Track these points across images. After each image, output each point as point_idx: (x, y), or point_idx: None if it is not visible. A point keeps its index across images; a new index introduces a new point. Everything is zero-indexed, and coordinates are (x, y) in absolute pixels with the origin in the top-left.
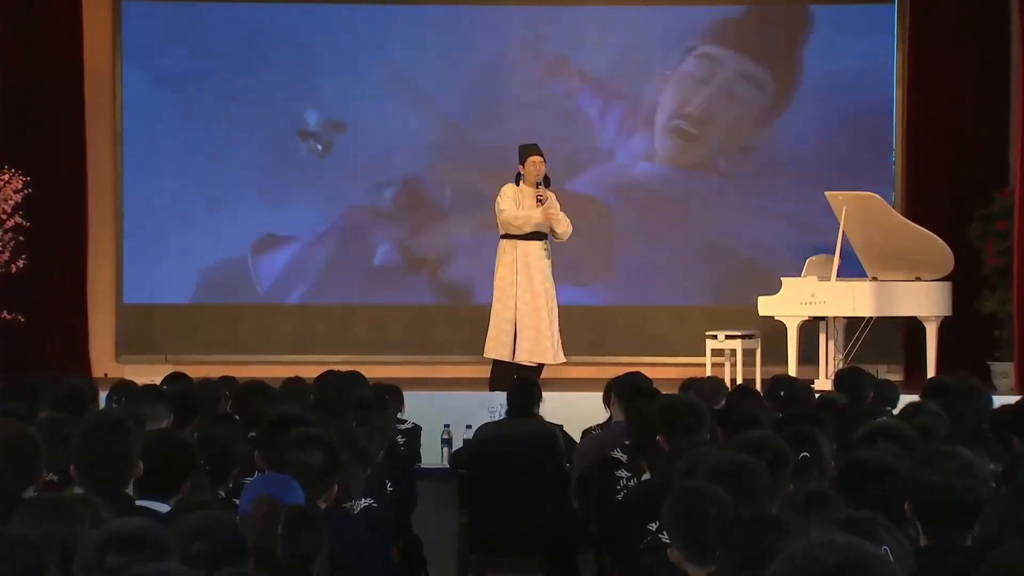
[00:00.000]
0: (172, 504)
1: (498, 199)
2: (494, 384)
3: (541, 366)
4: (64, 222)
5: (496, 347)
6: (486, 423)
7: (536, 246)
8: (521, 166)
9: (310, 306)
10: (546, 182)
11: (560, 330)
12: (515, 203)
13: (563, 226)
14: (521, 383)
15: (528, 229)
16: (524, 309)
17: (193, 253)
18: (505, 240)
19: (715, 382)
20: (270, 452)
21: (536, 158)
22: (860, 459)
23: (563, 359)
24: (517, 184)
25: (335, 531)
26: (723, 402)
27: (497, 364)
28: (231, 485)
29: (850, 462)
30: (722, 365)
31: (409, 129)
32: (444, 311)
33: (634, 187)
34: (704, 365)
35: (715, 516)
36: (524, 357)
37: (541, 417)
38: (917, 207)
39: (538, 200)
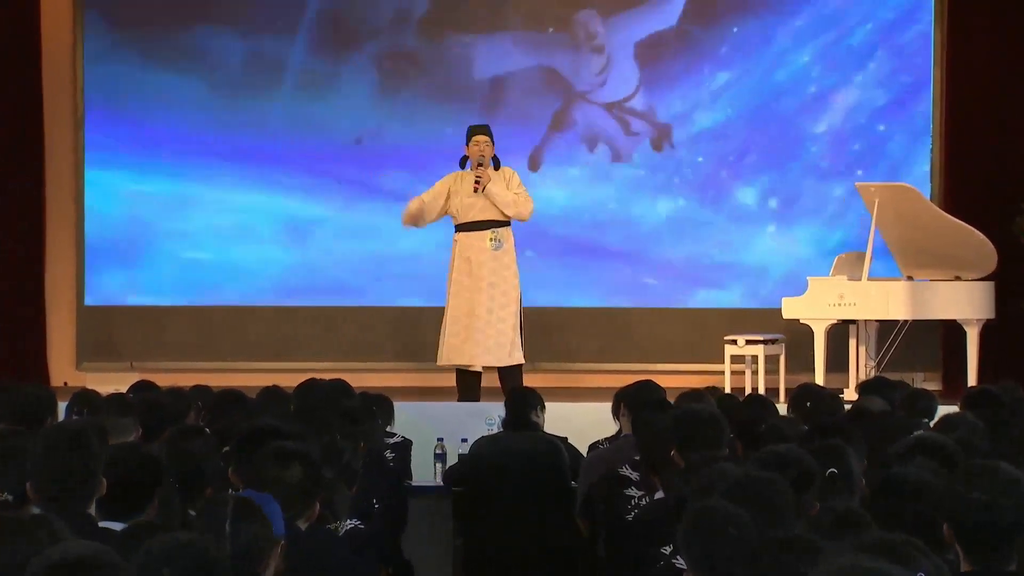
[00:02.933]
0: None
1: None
2: (460, 395)
3: (518, 371)
4: (19, 216)
5: (439, 351)
6: (483, 436)
7: (479, 237)
8: (466, 147)
9: (290, 308)
10: (495, 165)
11: (523, 329)
12: (441, 192)
13: (511, 209)
14: (517, 390)
15: (428, 219)
16: (461, 308)
17: (161, 251)
18: (455, 233)
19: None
20: (246, 468)
21: (481, 137)
22: (895, 476)
23: (519, 360)
24: (463, 168)
25: (318, 554)
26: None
27: (457, 373)
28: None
29: (884, 479)
30: (743, 373)
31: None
32: (438, 313)
33: (646, 180)
34: (723, 373)
35: (736, 539)
36: (451, 359)
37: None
38: (956, 199)
39: (476, 181)
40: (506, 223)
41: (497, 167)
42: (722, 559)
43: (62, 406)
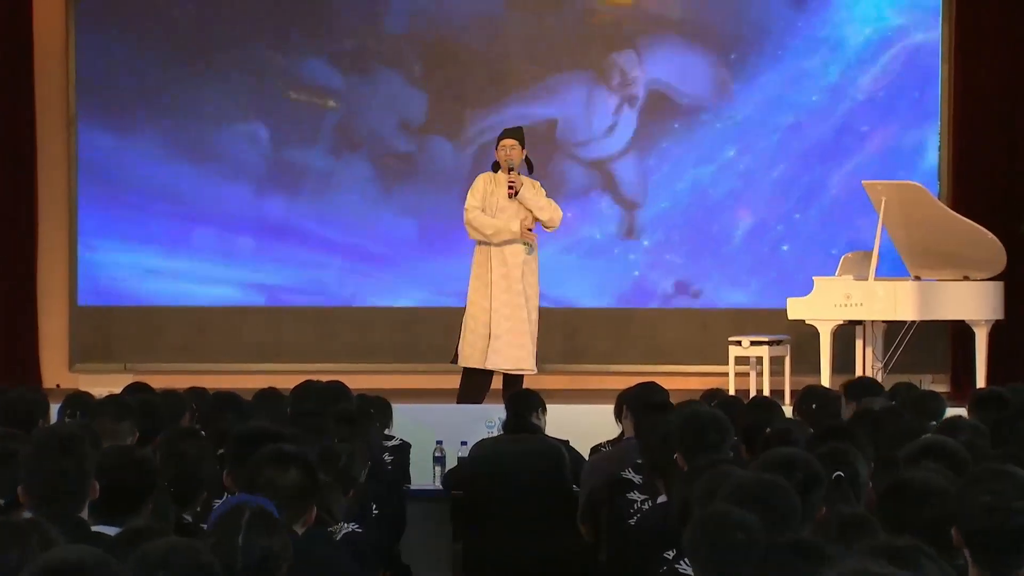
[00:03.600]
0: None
1: (468, 195)
2: (462, 396)
3: (521, 376)
4: (11, 214)
5: (472, 354)
6: (483, 439)
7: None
8: (495, 151)
9: (286, 308)
10: (528, 167)
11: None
12: (483, 198)
13: (546, 213)
14: (518, 393)
15: (499, 240)
16: (501, 311)
17: (155, 250)
18: None
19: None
20: (241, 471)
21: (507, 141)
22: (903, 479)
23: (533, 369)
24: (495, 171)
25: (315, 559)
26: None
27: (467, 373)
28: (198, 509)
29: (891, 483)
30: (747, 374)
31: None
32: (436, 314)
33: (647, 177)
34: (727, 375)
35: (745, 543)
36: (498, 363)
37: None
38: (965, 198)
39: (510, 187)
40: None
41: (531, 170)
42: (730, 564)
43: (55, 408)
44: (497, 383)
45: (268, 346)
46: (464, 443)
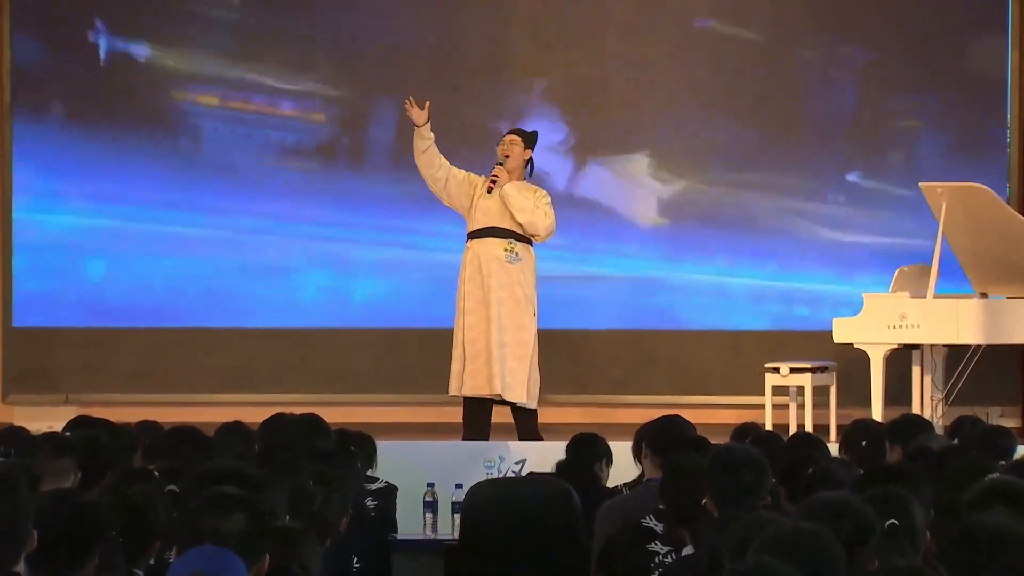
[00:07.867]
0: None
1: None
2: (465, 431)
3: (531, 409)
4: None
5: (451, 378)
6: (481, 481)
7: (493, 244)
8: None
9: (254, 331)
10: (530, 170)
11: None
12: (470, 182)
13: (525, 216)
14: (583, 436)
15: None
16: (479, 327)
17: (102, 263)
18: (468, 240)
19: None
20: (182, 517)
21: (510, 136)
22: (971, 526)
23: (520, 399)
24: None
25: None
26: None
27: (465, 403)
28: (151, 562)
29: (958, 531)
30: (786, 407)
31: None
32: (427, 336)
33: (672, 179)
34: (763, 406)
35: None
36: (468, 388)
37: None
38: None
39: (491, 180)
40: (527, 239)
41: (531, 172)
42: None
43: None
44: (507, 415)
45: (233, 373)
46: (459, 486)
